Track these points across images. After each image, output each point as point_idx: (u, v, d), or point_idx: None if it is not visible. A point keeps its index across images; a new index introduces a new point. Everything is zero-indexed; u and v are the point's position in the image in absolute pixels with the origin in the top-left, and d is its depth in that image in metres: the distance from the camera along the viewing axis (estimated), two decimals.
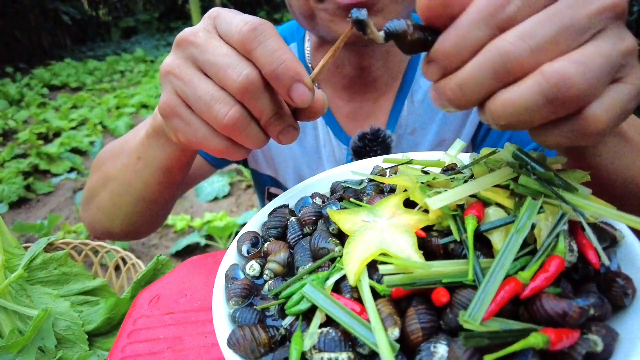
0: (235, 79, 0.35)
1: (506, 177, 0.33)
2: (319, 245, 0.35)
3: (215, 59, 0.36)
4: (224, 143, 0.39)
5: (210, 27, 0.38)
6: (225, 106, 0.36)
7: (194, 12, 3.98)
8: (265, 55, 0.35)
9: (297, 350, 0.28)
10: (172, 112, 0.40)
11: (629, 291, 0.28)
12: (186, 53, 0.38)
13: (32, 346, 0.48)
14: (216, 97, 0.36)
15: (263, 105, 0.37)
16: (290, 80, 0.35)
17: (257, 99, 0.36)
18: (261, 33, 0.35)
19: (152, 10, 10.28)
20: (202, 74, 0.38)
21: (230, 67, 0.35)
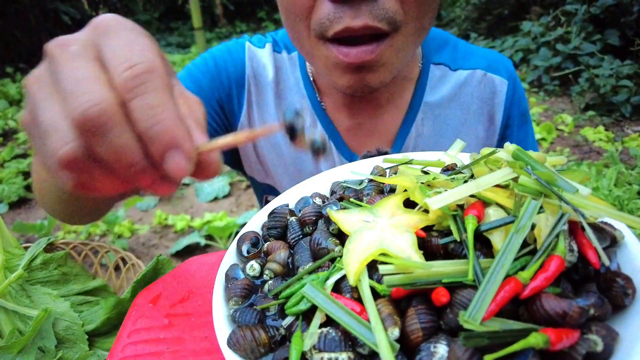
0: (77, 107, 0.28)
1: (506, 177, 0.33)
2: (319, 245, 0.35)
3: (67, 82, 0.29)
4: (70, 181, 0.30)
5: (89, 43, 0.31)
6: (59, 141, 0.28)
7: (194, 12, 3.98)
8: (141, 109, 0.28)
9: (297, 350, 0.28)
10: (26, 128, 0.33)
11: (629, 291, 0.28)
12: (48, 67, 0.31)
13: (32, 346, 0.48)
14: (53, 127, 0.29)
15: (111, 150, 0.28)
16: (166, 145, 0.28)
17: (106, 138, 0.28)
18: (142, 83, 0.28)
19: (152, 10, 10.28)
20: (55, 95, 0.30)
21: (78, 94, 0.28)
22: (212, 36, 8.55)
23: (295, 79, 0.76)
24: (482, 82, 0.75)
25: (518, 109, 0.76)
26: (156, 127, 0.28)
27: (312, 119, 0.75)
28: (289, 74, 0.77)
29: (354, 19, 0.52)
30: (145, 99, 0.28)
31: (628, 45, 3.47)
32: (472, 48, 0.79)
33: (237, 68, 0.76)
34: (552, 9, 4.21)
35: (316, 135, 0.30)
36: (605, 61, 3.44)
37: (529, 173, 0.32)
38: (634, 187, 2.17)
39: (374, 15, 0.52)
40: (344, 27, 0.52)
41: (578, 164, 2.64)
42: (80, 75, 0.29)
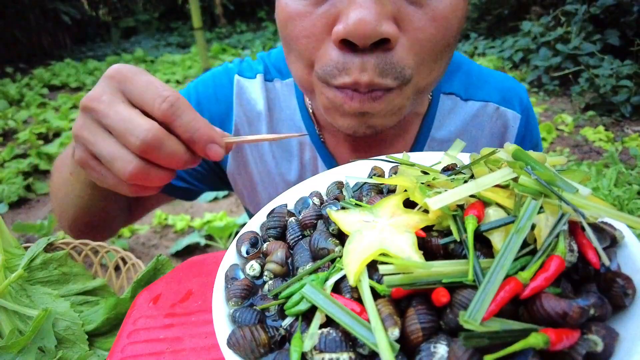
0: (134, 141, 0.40)
1: (506, 177, 0.33)
2: (319, 246, 0.35)
3: (117, 125, 0.41)
4: (132, 189, 0.45)
5: (113, 90, 0.43)
6: (124, 163, 0.41)
7: (194, 12, 3.98)
8: (183, 126, 0.42)
9: (298, 351, 0.28)
10: (85, 165, 0.45)
11: (629, 291, 0.28)
12: (90, 117, 0.43)
13: (32, 346, 0.48)
14: (116, 156, 0.41)
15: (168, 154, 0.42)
16: (205, 143, 0.42)
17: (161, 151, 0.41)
18: (178, 108, 0.41)
19: (152, 10, 10.27)
20: (108, 135, 0.42)
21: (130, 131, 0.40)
22: (212, 36, 8.56)
23: (291, 110, 0.71)
24: (494, 116, 0.70)
25: (530, 141, 0.73)
26: (197, 133, 0.42)
27: (311, 154, 0.71)
28: (283, 105, 0.72)
29: (362, 73, 0.47)
30: (184, 118, 0.41)
31: (628, 45, 3.47)
32: (486, 74, 0.73)
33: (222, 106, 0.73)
34: (552, 9, 4.21)
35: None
36: (605, 61, 3.44)
37: (529, 173, 0.32)
38: (634, 187, 2.17)
39: (381, 69, 0.47)
40: (351, 81, 0.48)
41: (578, 164, 2.64)
42: (127, 116, 0.41)
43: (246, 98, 0.72)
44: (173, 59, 6.96)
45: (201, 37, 4.26)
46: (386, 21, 0.45)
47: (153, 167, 0.42)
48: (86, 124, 0.43)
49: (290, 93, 0.72)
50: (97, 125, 0.42)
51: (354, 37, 0.45)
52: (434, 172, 0.39)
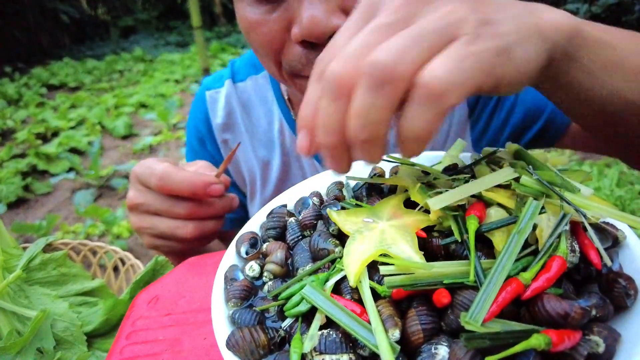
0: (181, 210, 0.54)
1: (508, 177, 0.32)
2: (319, 246, 0.35)
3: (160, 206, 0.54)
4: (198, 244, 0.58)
5: (137, 186, 0.55)
6: (184, 229, 0.54)
7: (193, 11, 3.97)
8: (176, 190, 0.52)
9: (297, 353, 0.28)
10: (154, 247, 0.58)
11: (631, 292, 0.28)
12: (139, 211, 0.55)
13: (31, 347, 0.47)
14: (174, 227, 0.54)
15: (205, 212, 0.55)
16: (204, 188, 0.52)
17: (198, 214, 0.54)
18: (167, 177, 0.52)
19: (151, 9, 10.26)
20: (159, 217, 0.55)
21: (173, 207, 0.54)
22: (211, 35, 8.55)
23: (268, 103, 0.76)
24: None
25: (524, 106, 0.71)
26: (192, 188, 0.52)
27: (291, 140, 0.74)
28: (257, 100, 0.76)
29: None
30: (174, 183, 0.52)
31: None
32: None
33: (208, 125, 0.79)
34: None
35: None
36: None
37: (531, 173, 0.32)
38: (635, 187, 2.17)
39: None
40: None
41: (580, 163, 2.64)
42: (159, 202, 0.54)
43: (218, 108, 0.78)
44: (172, 58, 6.95)
45: (200, 36, 4.26)
46: (335, 14, 0.47)
47: (203, 221, 0.55)
48: (140, 218, 0.55)
49: (266, 85, 0.76)
50: (147, 214, 0.55)
51: (310, 37, 0.48)
52: (434, 172, 0.38)
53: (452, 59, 0.26)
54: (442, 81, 0.25)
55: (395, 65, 0.25)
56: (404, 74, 0.25)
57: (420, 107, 0.26)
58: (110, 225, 2.43)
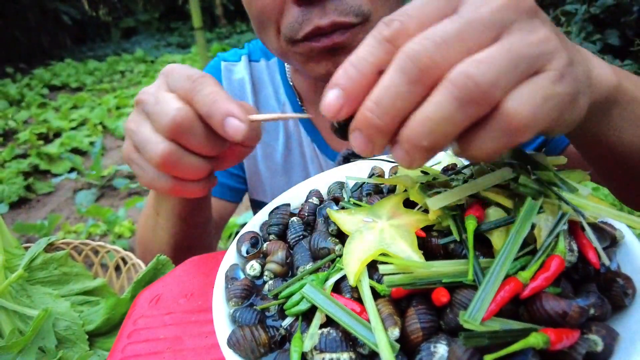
0: (164, 120, 0.39)
1: (506, 177, 0.33)
2: (319, 246, 0.35)
3: (152, 108, 0.41)
4: (169, 181, 0.43)
5: (162, 84, 0.43)
6: (154, 144, 0.40)
7: (193, 12, 3.97)
8: (200, 101, 0.39)
9: (298, 351, 0.28)
10: (128, 159, 0.45)
11: (629, 291, 0.28)
12: (139, 109, 0.44)
13: (33, 346, 0.48)
14: (148, 138, 0.41)
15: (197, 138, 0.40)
16: (222, 116, 0.38)
17: (190, 135, 0.40)
18: (200, 84, 0.40)
19: (152, 10, 10.28)
20: (146, 121, 0.42)
21: (160, 110, 0.40)
22: (212, 36, 8.56)
23: (275, 86, 0.78)
24: None
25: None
26: (213, 105, 0.38)
27: (295, 125, 0.76)
28: (267, 82, 0.78)
29: (322, 18, 0.52)
30: (203, 91, 0.39)
31: (628, 45, 3.47)
32: None
33: None
34: (552, 9, 4.21)
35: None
36: (605, 61, 3.43)
37: (529, 173, 0.32)
38: None
39: (340, 11, 0.52)
40: (313, 27, 0.53)
41: None
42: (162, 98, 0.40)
43: (232, 79, 0.79)
44: (173, 59, 6.96)
45: (201, 37, 4.26)
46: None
47: (184, 152, 0.41)
48: (134, 117, 0.44)
49: (275, 70, 0.78)
50: (142, 116, 0.43)
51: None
52: (434, 172, 0.39)
53: (540, 97, 0.25)
54: (526, 118, 0.24)
55: (489, 88, 0.24)
56: (494, 98, 0.24)
57: (494, 135, 0.25)
58: (112, 225, 2.43)
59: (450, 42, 0.25)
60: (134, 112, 0.44)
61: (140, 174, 0.45)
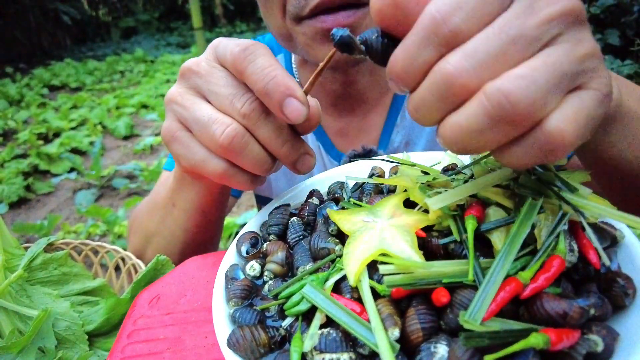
0: (239, 107, 0.36)
1: (506, 177, 0.33)
2: (319, 246, 0.35)
3: (219, 89, 0.37)
4: (222, 165, 0.39)
5: (211, 56, 0.40)
6: (222, 125, 0.37)
7: (194, 12, 3.97)
8: (255, 73, 0.35)
9: (298, 352, 0.28)
10: (172, 137, 0.41)
11: (630, 291, 0.28)
12: (190, 83, 0.40)
13: (32, 346, 0.48)
14: (214, 118, 0.37)
15: (268, 132, 0.37)
16: (282, 96, 0.35)
17: (260, 126, 0.37)
18: (251, 52, 0.36)
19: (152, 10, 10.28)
20: (204, 100, 0.39)
21: (234, 97, 0.37)
22: (212, 36, 8.55)
23: None
24: None
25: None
26: (272, 82, 0.34)
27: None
28: None
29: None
30: (257, 64, 0.35)
31: (628, 45, 3.47)
32: None
33: None
34: None
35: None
36: (605, 61, 3.43)
37: (529, 173, 0.32)
38: None
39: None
40: (319, 0, 0.51)
41: None
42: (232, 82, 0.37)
43: None
44: (173, 59, 6.96)
45: (201, 37, 4.26)
46: None
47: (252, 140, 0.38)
48: (182, 89, 0.40)
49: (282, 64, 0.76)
50: (194, 92, 0.40)
51: None
52: (434, 172, 0.39)
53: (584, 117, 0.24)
54: (570, 137, 0.23)
55: (527, 108, 0.22)
56: (532, 119, 0.23)
57: (531, 150, 0.24)
58: (112, 225, 2.43)
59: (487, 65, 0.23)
60: (181, 85, 0.41)
61: (184, 154, 0.41)
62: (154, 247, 0.66)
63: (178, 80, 0.42)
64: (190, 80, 0.40)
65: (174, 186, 0.58)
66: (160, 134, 0.44)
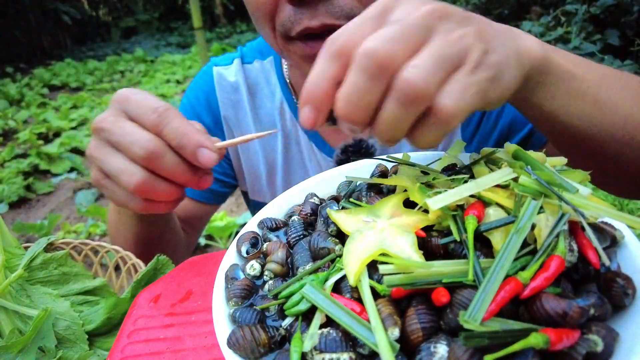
0: (139, 152, 0.43)
1: (506, 177, 0.33)
2: (319, 245, 0.35)
3: (121, 139, 0.44)
4: (142, 202, 0.47)
5: (117, 111, 0.46)
6: (129, 176, 0.44)
7: (194, 12, 3.98)
8: (171, 133, 0.43)
9: (298, 351, 0.28)
10: (98, 184, 0.48)
11: (629, 291, 0.28)
12: (100, 137, 0.46)
13: (33, 346, 0.48)
14: (122, 169, 0.44)
15: (169, 166, 0.44)
16: (194, 147, 0.43)
17: (163, 164, 0.44)
18: (166, 117, 0.43)
19: (152, 10, 10.28)
20: (115, 151, 0.45)
21: (133, 143, 0.43)
22: (212, 36, 8.56)
23: (271, 86, 0.78)
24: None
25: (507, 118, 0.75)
26: (184, 138, 0.43)
27: (292, 123, 0.77)
28: (263, 82, 0.79)
29: (312, 20, 0.54)
30: (171, 125, 0.43)
31: (628, 45, 3.47)
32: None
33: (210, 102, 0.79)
34: (552, 9, 4.20)
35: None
36: (605, 61, 3.43)
37: (529, 173, 0.32)
38: None
39: (330, 13, 0.53)
40: (303, 27, 0.54)
41: None
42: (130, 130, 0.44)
43: (225, 83, 0.79)
44: (173, 59, 6.96)
45: (201, 37, 4.26)
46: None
47: (158, 179, 0.45)
48: (96, 144, 0.46)
49: (271, 69, 0.78)
50: (106, 144, 0.46)
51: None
52: (434, 172, 0.39)
53: (458, 89, 0.30)
54: (452, 109, 0.29)
55: (425, 87, 0.29)
56: (429, 96, 0.29)
57: (431, 128, 0.31)
58: None
59: (395, 40, 0.29)
60: (96, 140, 0.47)
61: (112, 196, 0.48)
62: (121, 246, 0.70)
63: (92, 135, 0.48)
64: (100, 135, 0.46)
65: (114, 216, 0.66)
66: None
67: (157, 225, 0.67)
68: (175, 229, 0.74)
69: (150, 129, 0.44)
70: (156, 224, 0.67)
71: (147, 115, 0.44)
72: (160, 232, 0.69)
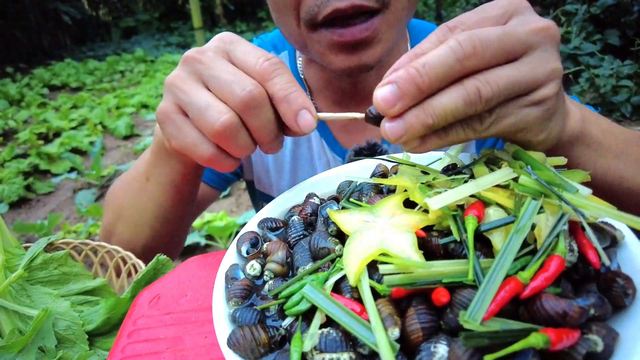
0: (239, 93, 0.39)
1: (506, 177, 0.33)
2: (319, 245, 0.35)
3: (221, 75, 0.40)
4: (211, 150, 0.42)
5: (219, 50, 0.42)
6: (218, 113, 0.39)
7: (194, 12, 3.98)
8: (281, 82, 0.40)
9: (298, 351, 0.28)
10: (166, 118, 0.43)
11: (629, 291, 0.28)
12: (191, 68, 0.42)
13: (33, 346, 0.48)
14: (212, 104, 0.40)
15: (262, 120, 0.40)
16: (299, 106, 0.39)
17: (257, 115, 0.40)
18: (279, 68, 0.40)
19: (152, 10, 10.28)
20: (203, 87, 0.41)
21: (235, 83, 0.39)
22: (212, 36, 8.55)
23: None
24: None
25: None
26: (293, 93, 0.39)
27: None
28: None
29: (341, 1, 0.52)
30: (283, 77, 0.40)
31: (628, 45, 3.47)
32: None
33: None
34: (552, 9, 4.20)
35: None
36: (605, 61, 3.44)
37: (529, 173, 0.32)
38: None
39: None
40: (332, 9, 0.53)
41: None
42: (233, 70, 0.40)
43: None
44: (173, 59, 6.96)
45: (201, 37, 4.27)
46: None
47: (244, 128, 0.40)
48: (184, 74, 0.43)
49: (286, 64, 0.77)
50: (195, 78, 0.42)
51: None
52: (434, 172, 0.39)
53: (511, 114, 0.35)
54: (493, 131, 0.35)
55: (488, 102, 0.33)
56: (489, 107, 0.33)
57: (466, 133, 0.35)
58: None
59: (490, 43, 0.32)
60: (183, 70, 0.43)
61: (176, 135, 0.43)
62: (125, 220, 0.66)
63: (180, 65, 0.44)
64: (192, 65, 0.42)
65: (150, 161, 0.59)
66: (155, 113, 0.46)
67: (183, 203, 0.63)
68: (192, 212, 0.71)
69: (257, 76, 0.40)
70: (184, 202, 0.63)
71: (257, 59, 0.40)
72: (183, 212, 0.66)
